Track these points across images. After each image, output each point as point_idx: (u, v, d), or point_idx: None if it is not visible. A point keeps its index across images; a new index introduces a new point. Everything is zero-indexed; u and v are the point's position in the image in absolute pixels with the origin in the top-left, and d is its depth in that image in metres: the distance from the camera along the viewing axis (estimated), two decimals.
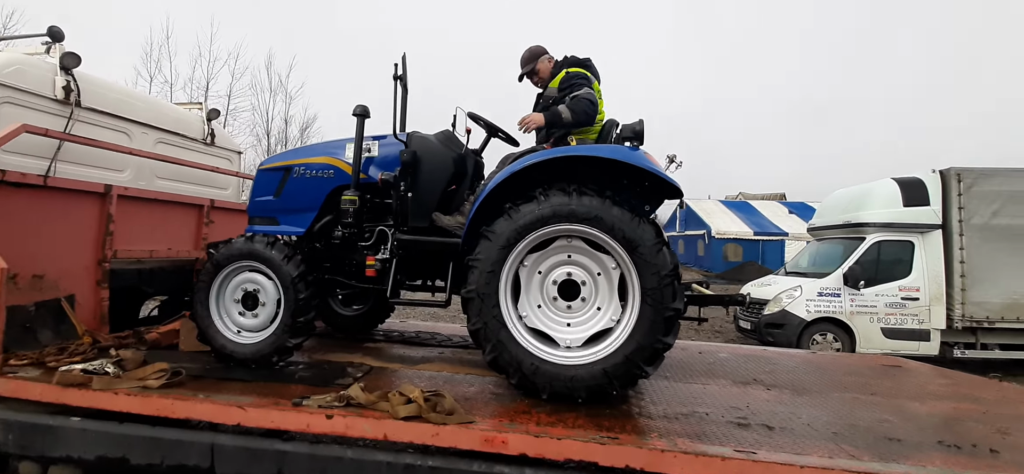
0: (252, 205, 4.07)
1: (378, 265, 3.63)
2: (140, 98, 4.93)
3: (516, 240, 3.03)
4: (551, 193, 3.04)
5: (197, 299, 3.49)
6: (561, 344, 3.12)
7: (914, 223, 9.53)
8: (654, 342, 2.88)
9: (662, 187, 3.31)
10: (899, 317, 9.42)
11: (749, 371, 4.04)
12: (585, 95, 3.53)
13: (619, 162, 3.02)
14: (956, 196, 9.42)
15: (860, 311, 9.42)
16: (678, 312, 2.89)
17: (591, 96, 3.53)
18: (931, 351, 9.27)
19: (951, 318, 9.29)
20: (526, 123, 3.56)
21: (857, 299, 9.44)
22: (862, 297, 9.42)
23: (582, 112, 3.49)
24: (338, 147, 3.92)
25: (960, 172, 9.45)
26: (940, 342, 9.34)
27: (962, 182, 9.39)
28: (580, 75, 3.62)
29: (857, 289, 9.39)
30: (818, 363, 4.50)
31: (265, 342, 3.40)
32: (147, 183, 4.94)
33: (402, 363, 3.81)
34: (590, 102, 3.51)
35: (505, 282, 3.08)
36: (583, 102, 3.50)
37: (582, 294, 3.13)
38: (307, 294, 3.38)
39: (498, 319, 3.02)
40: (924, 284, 9.38)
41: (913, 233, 9.52)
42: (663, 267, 2.90)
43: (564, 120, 3.51)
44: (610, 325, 3.08)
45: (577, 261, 3.15)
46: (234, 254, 3.45)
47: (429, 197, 3.63)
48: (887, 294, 9.43)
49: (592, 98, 3.52)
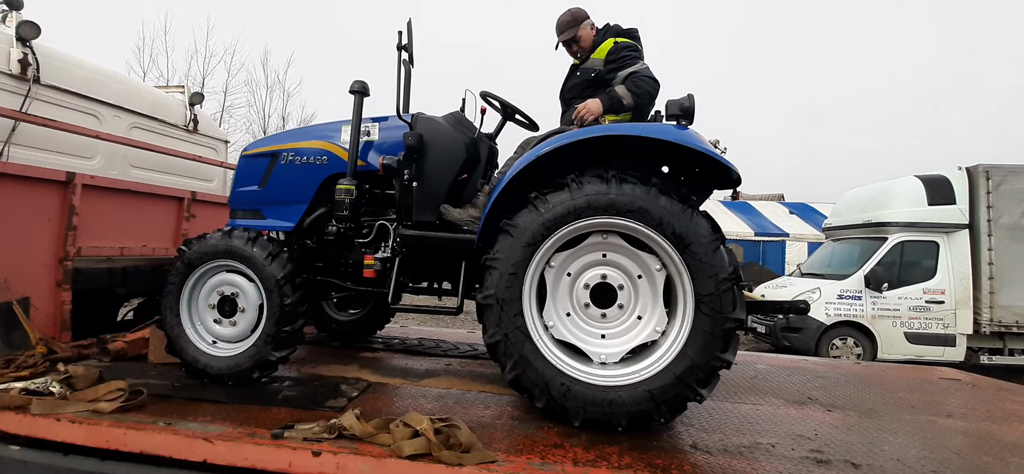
0: (234, 196, 3.57)
1: (378, 265, 3.15)
2: (113, 77, 4.44)
3: (543, 236, 2.54)
4: (585, 180, 2.55)
5: (166, 304, 2.99)
6: (595, 359, 2.63)
7: (939, 223, 9.08)
8: (710, 360, 2.40)
9: (710, 175, 2.83)
10: (923, 321, 8.98)
11: (797, 386, 3.57)
12: (646, 72, 3.04)
13: (668, 144, 2.53)
14: (984, 194, 8.98)
15: (882, 315, 8.97)
16: (740, 323, 2.40)
17: (652, 73, 3.05)
18: (956, 357, 8.83)
19: (978, 322, 8.85)
20: (584, 112, 3.01)
21: (879, 302, 8.99)
22: (884, 300, 8.98)
23: (645, 93, 3.00)
24: (333, 130, 3.43)
25: (988, 169, 9.01)
26: (966, 348, 8.91)
27: (991, 180, 8.95)
28: (630, 47, 3.12)
29: (879, 292, 8.94)
30: (867, 376, 4.03)
31: (244, 355, 2.90)
32: (120, 172, 4.44)
33: (404, 378, 3.32)
34: (652, 80, 3.03)
35: (529, 286, 2.59)
36: (645, 81, 3.01)
37: (619, 300, 2.65)
38: (294, 299, 2.89)
39: (521, 330, 2.54)
40: (949, 287, 8.94)
41: (938, 233, 9.07)
42: (721, 269, 2.41)
43: (626, 105, 3.01)
44: (653, 337, 2.60)
45: (614, 261, 2.67)
46: (209, 252, 2.95)
47: (437, 187, 3.14)
48: (910, 297, 8.99)
49: (653, 76, 3.04)
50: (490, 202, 2.74)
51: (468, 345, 4.30)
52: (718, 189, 2.92)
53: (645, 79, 3.02)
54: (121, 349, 3.41)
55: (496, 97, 3.45)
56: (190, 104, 5.12)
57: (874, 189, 10.45)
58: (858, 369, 4.27)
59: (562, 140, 2.64)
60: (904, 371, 4.33)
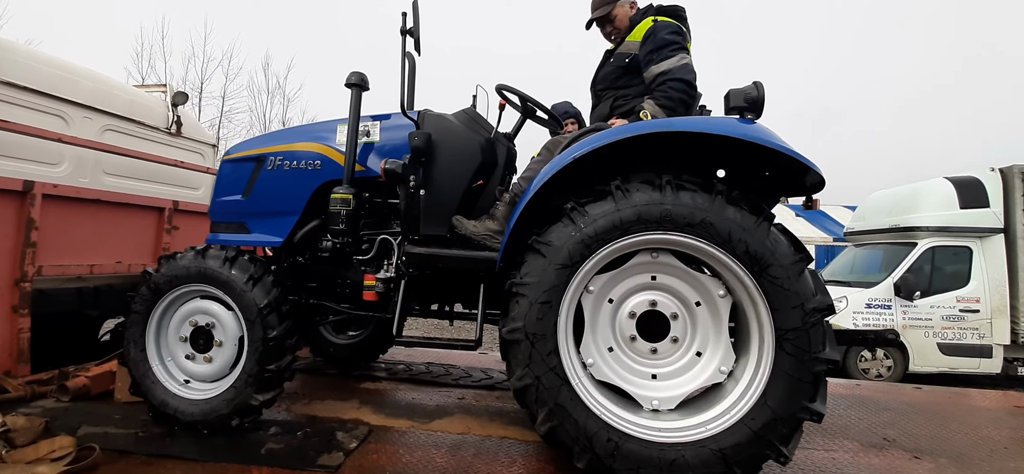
0: (215, 207, 3.11)
1: (380, 287, 2.69)
2: (84, 75, 3.99)
3: (582, 256, 2.07)
4: (632, 187, 2.08)
5: (129, 336, 2.52)
6: (645, 405, 2.16)
7: (972, 227, 8.59)
8: (797, 410, 1.92)
9: (781, 180, 2.35)
10: (957, 331, 8.46)
11: (866, 424, 3.09)
12: (679, 72, 2.52)
13: (733, 142, 2.05)
14: (1019, 197, 8.49)
15: (914, 325, 8.45)
16: (834, 365, 1.92)
17: (687, 75, 2.54)
18: (992, 369, 8.33)
19: (1016, 332, 8.34)
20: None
21: (910, 311, 8.48)
22: (915, 309, 8.47)
23: (679, 103, 2.51)
24: (327, 130, 2.97)
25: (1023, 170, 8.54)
26: (1002, 359, 8.41)
27: None
28: (672, 28, 2.60)
29: (910, 300, 8.43)
30: (936, 406, 3.56)
31: (221, 398, 2.43)
32: (91, 180, 3.98)
33: (412, 417, 2.85)
34: (687, 85, 2.52)
35: (566, 317, 2.12)
36: (678, 87, 2.51)
37: (673, 332, 2.18)
38: (280, 331, 2.42)
39: (557, 372, 2.06)
40: (984, 295, 8.43)
41: (971, 238, 8.58)
42: (807, 296, 1.94)
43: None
44: (717, 379, 2.13)
45: (665, 285, 2.20)
46: (179, 275, 2.48)
47: (448, 195, 2.68)
48: (943, 306, 8.47)
49: (689, 78, 2.54)
50: (516, 213, 2.27)
51: (482, 372, 3.83)
52: (789, 196, 2.45)
53: (678, 84, 2.52)
54: (83, 386, 2.94)
55: (515, 91, 2.99)
56: (173, 104, 4.67)
57: (901, 191, 9.96)
58: (922, 397, 3.78)
59: (604, 139, 2.16)
60: (973, 398, 3.84)
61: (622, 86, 2.75)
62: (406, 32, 2.55)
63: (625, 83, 2.72)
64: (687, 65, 2.56)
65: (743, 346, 2.13)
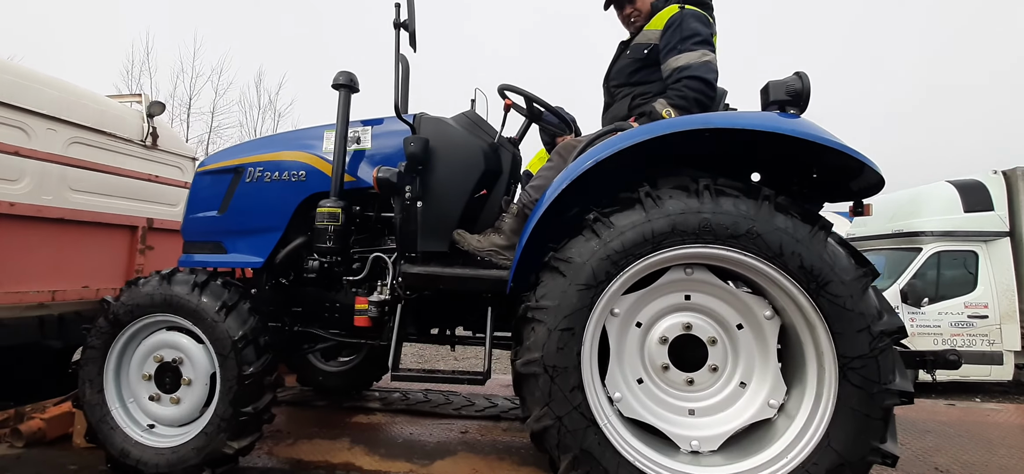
0: (188, 224, 2.81)
1: (373, 311, 2.39)
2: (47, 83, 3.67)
3: (608, 275, 1.79)
4: (663, 194, 1.81)
5: (84, 375, 2.20)
6: (682, 446, 1.87)
7: (977, 231, 8.45)
8: (867, 453, 1.63)
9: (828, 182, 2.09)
10: (966, 338, 8.27)
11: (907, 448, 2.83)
12: (699, 69, 2.20)
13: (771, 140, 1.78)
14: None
15: (922, 332, 8.25)
16: (907, 398, 1.65)
17: (709, 72, 2.22)
18: (1004, 376, 8.14)
19: None
20: None
21: (917, 318, 8.28)
22: (923, 316, 8.28)
23: (695, 103, 2.20)
24: (313, 137, 2.69)
25: None
26: (1014, 365, 8.22)
27: None
28: (698, 18, 2.28)
29: (918, 307, 8.24)
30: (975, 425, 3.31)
31: (190, 446, 2.10)
32: (55, 198, 3.65)
33: (410, 458, 2.53)
34: (706, 84, 2.21)
35: (591, 346, 1.84)
36: (697, 86, 2.20)
37: (711, 360, 1.90)
38: (258, 366, 2.10)
39: (582, 412, 1.77)
40: (993, 300, 8.26)
41: (976, 242, 8.43)
42: (873, 317, 1.67)
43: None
44: (767, 415, 1.84)
45: (701, 305, 1.92)
46: (142, 304, 2.17)
47: (448, 207, 2.39)
48: (951, 312, 8.29)
49: (710, 75, 2.22)
50: (529, 227, 1.98)
51: (486, 399, 3.52)
52: (836, 201, 2.18)
53: (695, 82, 2.20)
54: (38, 429, 2.60)
55: (520, 91, 2.72)
56: (149, 114, 4.35)
57: (903, 195, 9.82)
58: (960, 415, 3.53)
59: (628, 140, 1.89)
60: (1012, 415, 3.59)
61: (640, 81, 2.47)
62: (400, 25, 2.28)
63: (644, 78, 2.44)
64: (709, 63, 2.25)
65: (796, 376, 1.85)
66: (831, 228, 1.74)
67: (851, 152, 1.75)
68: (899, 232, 9.36)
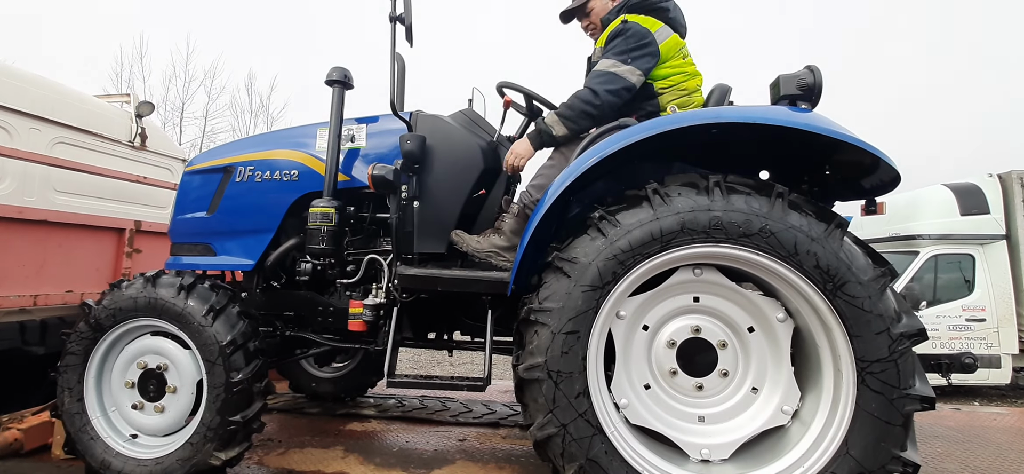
0: (176, 225, 2.72)
1: (367, 314, 2.30)
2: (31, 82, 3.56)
3: (614, 275, 1.72)
4: (672, 191, 1.73)
5: (63, 382, 2.09)
6: (692, 455, 1.79)
7: (974, 234, 8.46)
8: (888, 461, 1.56)
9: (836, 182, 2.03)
10: (964, 341, 8.24)
11: None
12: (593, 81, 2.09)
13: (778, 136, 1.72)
14: (1020, 202, 8.39)
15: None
16: (928, 404, 1.58)
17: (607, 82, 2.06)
18: (1002, 380, 8.12)
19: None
20: (513, 159, 2.22)
21: None
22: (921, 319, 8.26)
23: (581, 114, 2.08)
24: (305, 136, 2.60)
25: (1022, 175, 8.45)
26: (1011, 369, 8.22)
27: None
28: (627, 33, 2.11)
29: (916, 310, 8.22)
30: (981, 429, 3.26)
31: (175, 457, 2.00)
32: (38, 199, 3.54)
33: (406, 468, 2.44)
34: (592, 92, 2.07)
35: (597, 350, 1.76)
36: (583, 94, 2.09)
37: (721, 364, 1.82)
38: (247, 373, 2.01)
39: (588, 419, 1.68)
40: (990, 303, 8.26)
41: (973, 245, 8.44)
42: (892, 320, 1.60)
43: (556, 136, 2.14)
44: (780, 422, 1.76)
45: (710, 307, 1.85)
46: (125, 307, 2.07)
47: (446, 207, 2.31)
48: (949, 315, 8.27)
49: (608, 84, 2.06)
50: (531, 226, 1.90)
51: (483, 405, 3.42)
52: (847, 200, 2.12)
53: (585, 91, 2.09)
54: (15, 441, 2.48)
55: (519, 87, 2.64)
56: (137, 115, 4.24)
57: (900, 199, 9.83)
58: (966, 419, 3.48)
59: (632, 136, 1.81)
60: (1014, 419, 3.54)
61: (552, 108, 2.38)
62: (395, 19, 2.20)
63: None
64: (612, 74, 2.07)
65: (810, 381, 1.77)
66: (847, 226, 1.67)
67: (867, 147, 1.68)
68: (896, 235, 9.37)
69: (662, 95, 2.17)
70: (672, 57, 2.19)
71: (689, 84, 2.24)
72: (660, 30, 2.19)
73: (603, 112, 2.08)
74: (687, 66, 2.25)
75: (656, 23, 2.20)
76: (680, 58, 2.23)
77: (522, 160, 2.23)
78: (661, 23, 2.22)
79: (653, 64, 2.13)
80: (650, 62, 2.11)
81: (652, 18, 2.22)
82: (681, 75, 2.21)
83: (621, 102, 2.09)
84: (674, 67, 2.20)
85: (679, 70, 2.21)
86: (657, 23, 2.20)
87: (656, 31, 2.16)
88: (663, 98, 2.19)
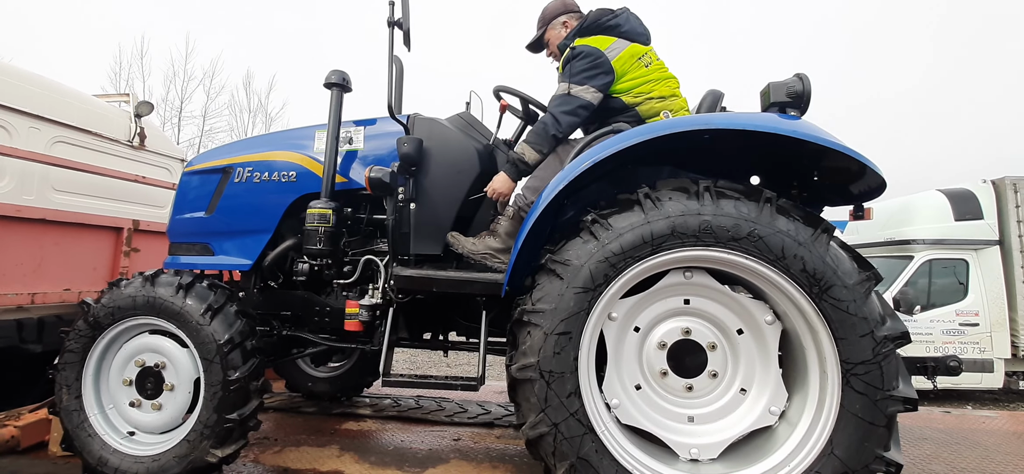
0: (174, 225, 2.74)
1: (364, 314, 2.33)
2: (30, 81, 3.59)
3: (606, 278, 1.75)
4: (662, 195, 1.77)
5: (61, 380, 2.11)
6: (681, 454, 1.82)
7: (968, 239, 8.53)
8: (871, 461, 1.60)
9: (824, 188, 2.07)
10: (958, 346, 8.30)
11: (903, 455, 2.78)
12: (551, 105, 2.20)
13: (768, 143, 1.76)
14: (1013, 208, 8.46)
15: (914, 340, 8.28)
16: (911, 405, 1.61)
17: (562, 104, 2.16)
18: (994, 383, 8.19)
19: (1016, 345, 8.22)
20: (493, 194, 2.28)
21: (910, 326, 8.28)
22: (915, 323, 8.32)
23: (544, 138, 2.16)
24: (303, 137, 2.63)
25: (1015, 182, 8.52)
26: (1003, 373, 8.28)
27: (1019, 192, 8.45)
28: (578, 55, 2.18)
29: (911, 315, 8.27)
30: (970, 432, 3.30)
31: (172, 454, 2.03)
32: (37, 198, 3.56)
33: (401, 466, 2.47)
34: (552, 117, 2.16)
35: (588, 350, 1.79)
36: (545, 119, 2.20)
37: (711, 366, 1.86)
38: (244, 371, 2.03)
39: (579, 418, 1.72)
40: (983, 308, 8.32)
41: (967, 250, 8.51)
42: (877, 322, 1.63)
43: (530, 163, 2.21)
44: (768, 423, 1.80)
45: (700, 310, 1.88)
46: (123, 305, 2.09)
47: (442, 209, 2.35)
48: (943, 320, 8.33)
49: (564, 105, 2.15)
50: (525, 228, 1.93)
51: (478, 405, 3.45)
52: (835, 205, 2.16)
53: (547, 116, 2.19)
54: (12, 437, 2.50)
55: (515, 92, 2.68)
56: (136, 114, 4.27)
57: (895, 204, 9.90)
58: (954, 422, 3.52)
59: (625, 140, 1.85)
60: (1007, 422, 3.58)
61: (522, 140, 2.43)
62: (393, 24, 2.23)
63: None
64: (567, 96, 2.16)
65: (797, 382, 1.81)
66: (834, 231, 1.71)
67: (853, 154, 1.72)
68: (891, 240, 9.43)
69: (639, 105, 2.21)
70: (631, 68, 2.22)
71: (660, 89, 2.25)
72: (611, 46, 2.23)
73: (566, 133, 2.19)
74: (653, 73, 2.26)
75: (607, 40, 2.25)
76: (641, 67, 2.24)
77: (502, 195, 2.28)
78: (613, 38, 2.27)
79: (609, 80, 2.19)
80: (604, 79, 2.17)
81: (603, 36, 2.28)
82: (647, 83, 2.23)
83: (580, 121, 2.18)
84: (637, 77, 2.23)
85: (644, 79, 2.23)
86: (608, 40, 2.26)
87: (607, 48, 2.22)
88: (641, 108, 2.22)
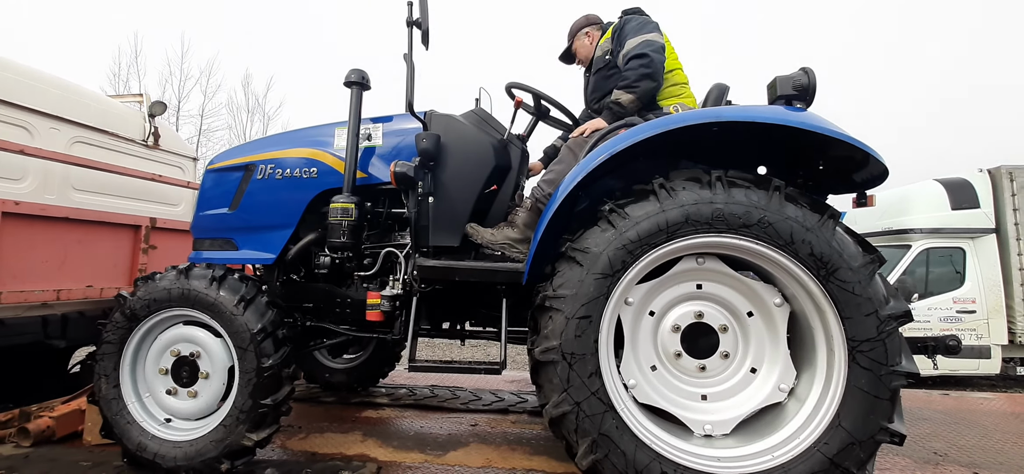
0: (198, 221, 2.82)
1: (385, 305, 2.41)
2: (50, 83, 3.66)
3: (624, 264, 1.84)
4: (676, 185, 1.86)
5: (100, 370, 2.20)
6: (696, 431, 1.92)
7: (965, 228, 8.65)
8: (876, 432, 1.70)
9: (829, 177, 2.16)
10: (955, 332, 8.46)
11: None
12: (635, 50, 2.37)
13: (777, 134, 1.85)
14: (1009, 197, 8.58)
15: (912, 327, 8.44)
16: (913, 379, 1.71)
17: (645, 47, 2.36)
18: (991, 370, 8.33)
19: (1012, 332, 8.36)
20: (590, 131, 2.40)
21: None
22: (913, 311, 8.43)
23: (641, 77, 2.33)
24: (323, 135, 2.71)
25: (1011, 170, 8.64)
26: (1001, 359, 8.42)
27: (1015, 181, 8.56)
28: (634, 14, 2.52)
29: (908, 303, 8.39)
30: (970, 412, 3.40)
31: (208, 438, 2.12)
32: (58, 197, 3.63)
33: (423, 450, 2.56)
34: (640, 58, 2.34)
35: (607, 333, 1.89)
36: (632, 65, 2.36)
37: (722, 347, 1.95)
38: (277, 359, 2.13)
39: (600, 397, 1.81)
40: (980, 295, 8.46)
41: (964, 238, 8.63)
42: (880, 302, 1.73)
43: (626, 105, 2.36)
44: (777, 399, 1.90)
45: (712, 294, 1.98)
46: (159, 298, 2.18)
47: (460, 202, 2.44)
48: (940, 307, 8.48)
49: (648, 49, 2.35)
50: (545, 218, 2.03)
51: (491, 393, 3.55)
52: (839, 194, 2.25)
53: (635, 60, 2.36)
54: (46, 428, 2.59)
55: (528, 88, 2.77)
56: (150, 114, 4.34)
57: (892, 194, 10.02)
58: (954, 404, 3.62)
59: (640, 133, 1.94)
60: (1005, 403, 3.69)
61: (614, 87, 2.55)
62: (412, 23, 2.32)
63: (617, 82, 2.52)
64: (648, 40, 2.39)
65: (805, 361, 1.91)
66: (839, 217, 1.80)
67: (857, 143, 1.81)
68: (889, 229, 9.55)
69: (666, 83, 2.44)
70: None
71: (680, 76, 2.51)
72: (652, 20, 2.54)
73: (656, 70, 2.35)
74: (674, 58, 2.53)
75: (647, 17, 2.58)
76: (670, 46, 2.51)
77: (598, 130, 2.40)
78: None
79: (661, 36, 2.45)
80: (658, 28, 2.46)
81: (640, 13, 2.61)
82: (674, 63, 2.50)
83: (662, 62, 2.38)
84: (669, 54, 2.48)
85: (673, 57, 2.50)
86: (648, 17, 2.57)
87: None
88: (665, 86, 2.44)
